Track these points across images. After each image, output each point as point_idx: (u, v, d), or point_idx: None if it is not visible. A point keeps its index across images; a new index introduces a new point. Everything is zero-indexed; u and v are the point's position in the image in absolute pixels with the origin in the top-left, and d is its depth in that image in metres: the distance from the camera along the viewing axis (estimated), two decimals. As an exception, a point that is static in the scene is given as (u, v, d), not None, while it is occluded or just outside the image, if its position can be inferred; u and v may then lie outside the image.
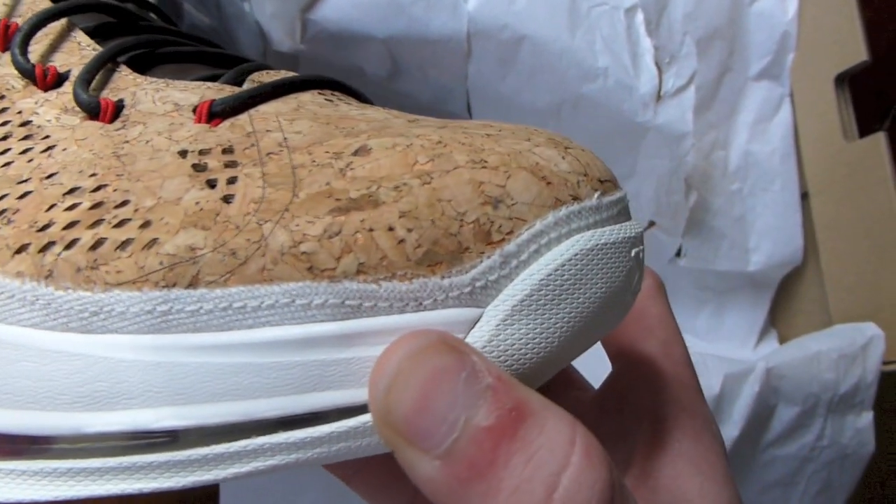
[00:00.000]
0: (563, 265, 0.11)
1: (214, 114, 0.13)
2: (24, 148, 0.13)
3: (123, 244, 0.11)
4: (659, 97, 0.32)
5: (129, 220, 0.11)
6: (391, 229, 0.11)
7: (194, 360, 0.11)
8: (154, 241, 0.11)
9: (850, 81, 0.31)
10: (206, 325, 0.11)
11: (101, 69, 0.14)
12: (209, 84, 0.14)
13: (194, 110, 0.13)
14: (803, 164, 0.33)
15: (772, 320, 0.39)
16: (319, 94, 0.15)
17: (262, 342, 0.11)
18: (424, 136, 0.12)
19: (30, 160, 0.13)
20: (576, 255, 0.11)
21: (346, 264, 0.11)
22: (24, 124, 0.14)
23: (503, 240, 0.11)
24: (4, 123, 0.14)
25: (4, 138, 0.14)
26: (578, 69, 0.31)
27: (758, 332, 0.38)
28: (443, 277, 0.11)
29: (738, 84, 0.32)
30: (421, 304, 0.11)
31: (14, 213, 0.12)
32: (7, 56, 0.15)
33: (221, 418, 0.11)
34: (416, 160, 0.12)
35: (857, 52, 0.29)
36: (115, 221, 0.11)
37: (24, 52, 0.15)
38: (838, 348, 0.35)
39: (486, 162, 0.12)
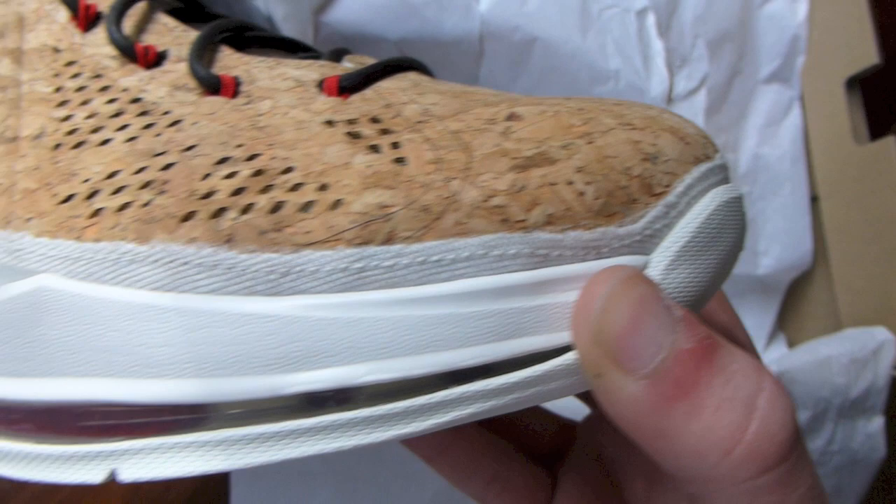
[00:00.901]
0: (711, 215, 0.14)
1: (343, 88, 0.15)
2: (145, 123, 0.14)
3: (305, 206, 0.12)
4: (670, 99, 0.35)
5: (303, 184, 0.13)
6: (570, 183, 0.13)
7: (393, 314, 0.12)
8: (339, 202, 0.12)
9: (862, 84, 0.34)
10: (402, 280, 0.12)
11: (206, 48, 0.16)
12: (320, 62, 0.16)
13: (318, 85, 0.15)
14: (813, 168, 0.37)
15: (781, 324, 0.43)
16: (417, 74, 0.17)
17: (460, 293, 0.12)
18: (561, 104, 0.14)
19: (157, 134, 0.14)
20: (718, 206, 0.14)
21: (536, 216, 0.12)
22: (134, 101, 0.15)
23: (663, 192, 0.13)
24: (112, 101, 0.15)
25: (118, 115, 0.15)
26: (590, 71, 0.34)
27: (767, 336, 0.42)
28: (619, 226, 0.13)
29: (748, 87, 0.36)
30: (599, 252, 0.13)
31: (164, 184, 0.13)
32: (93, 36, 0.16)
33: (425, 369, 0.12)
34: (570, 123, 0.14)
35: (868, 55, 0.32)
36: (287, 186, 0.13)
37: (120, 32, 0.16)
38: (849, 352, 0.39)
39: (632, 124, 0.14)
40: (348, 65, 0.16)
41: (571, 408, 0.23)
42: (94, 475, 0.12)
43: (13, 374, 0.13)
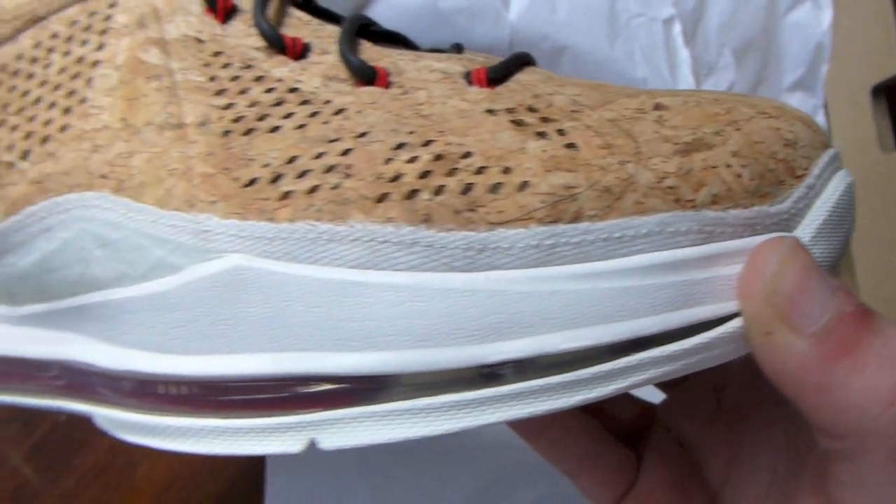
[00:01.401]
0: (840, 196, 0.16)
1: (491, 80, 0.17)
2: (310, 112, 0.16)
3: (494, 188, 0.14)
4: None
5: (487, 167, 0.14)
6: (728, 166, 0.15)
7: (582, 287, 0.14)
8: (526, 184, 0.14)
9: (887, 93, 0.36)
10: (587, 256, 0.14)
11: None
12: (458, 56, 0.18)
13: (465, 77, 0.17)
14: (839, 177, 0.39)
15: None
16: (538, 69, 0.19)
17: (640, 267, 0.14)
18: (697, 96, 0.16)
19: (325, 122, 0.16)
20: (844, 188, 0.16)
21: (703, 196, 0.14)
22: (291, 91, 0.16)
23: (804, 174, 0.15)
24: (269, 90, 0.16)
25: (279, 104, 0.16)
26: (618, 79, 0.36)
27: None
28: (770, 206, 0.15)
29: (772, 95, 0.38)
30: (755, 229, 0.15)
31: (348, 168, 0.15)
32: (233, 28, 0.18)
33: (613, 337, 0.14)
34: (715, 112, 0.16)
35: (893, 63, 0.34)
36: (471, 169, 0.14)
37: (269, 24, 0.17)
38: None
39: (767, 113, 0.16)
40: (478, 58, 0.18)
41: (644, 394, 0.25)
42: (293, 445, 0.14)
43: (206, 351, 0.15)
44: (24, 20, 0.18)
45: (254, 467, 0.32)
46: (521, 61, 0.18)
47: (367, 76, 0.16)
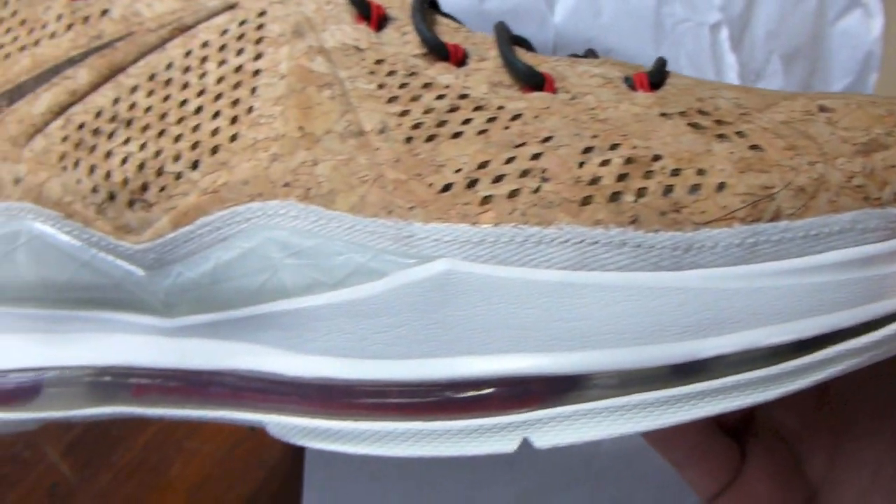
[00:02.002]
0: None
1: (653, 84, 0.17)
2: (486, 117, 0.16)
3: (693, 189, 0.15)
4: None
5: (681, 169, 0.15)
6: (904, 164, 0.16)
7: (784, 283, 0.14)
8: (723, 185, 0.15)
9: None
10: (786, 253, 0.15)
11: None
12: (611, 60, 0.18)
13: (626, 81, 0.17)
14: (886, 184, 0.40)
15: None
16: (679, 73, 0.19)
17: (834, 263, 0.15)
18: (854, 97, 0.17)
19: (505, 127, 0.16)
20: None
21: (887, 194, 0.15)
22: (462, 97, 0.17)
23: None
24: (440, 97, 0.17)
25: (453, 110, 0.16)
26: (665, 84, 0.37)
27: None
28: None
29: None
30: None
31: (543, 172, 0.15)
32: (387, 36, 0.18)
33: (813, 331, 0.14)
34: (878, 113, 0.16)
35: None
36: (666, 172, 0.15)
37: (432, 32, 0.18)
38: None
39: None
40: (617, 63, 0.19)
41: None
42: (507, 444, 0.14)
43: (410, 355, 0.15)
44: (169, 29, 0.18)
45: (283, 470, 0.33)
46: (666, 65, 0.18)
47: (535, 81, 0.17)
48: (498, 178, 0.15)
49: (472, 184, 0.15)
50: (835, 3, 0.39)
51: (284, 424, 0.17)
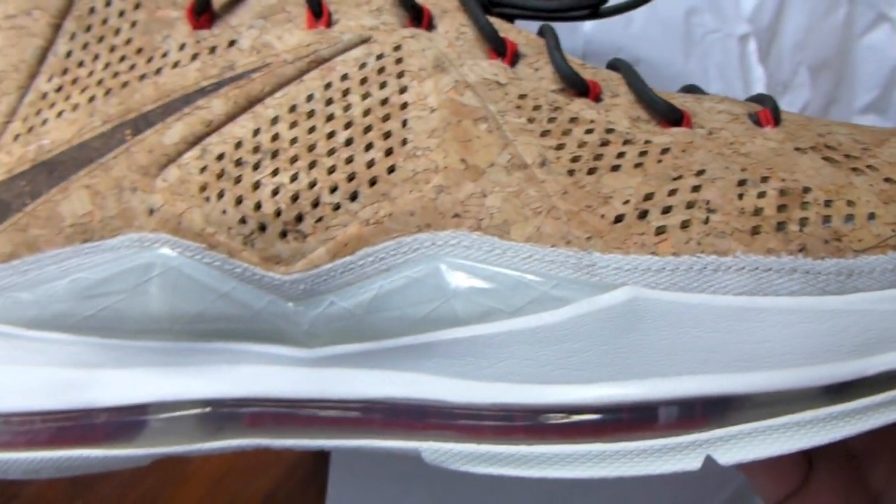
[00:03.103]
0: None
1: (776, 119, 0.19)
2: (638, 151, 0.17)
3: (847, 218, 0.16)
4: (763, 125, 0.41)
5: (832, 200, 0.16)
6: None
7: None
8: (872, 215, 0.16)
9: None
10: (933, 276, 0.16)
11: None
12: (728, 98, 0.20)
13: (750, 117, 0.19)
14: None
15: None
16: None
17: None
18: None
19: (658, 161, 0.17)
20: None
21: None
22: (609, 131, 0.18)
23: None
24: (589, 131, 0.18)
25: (605, 144, 0.18)
26: (692, 97, 0.39)
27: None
28: None
29: (844, 116, 0.42)
30: None
31: (707, 203, 0.16)
32: (522, 71, 0.19)
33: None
34: None
35: None
36: (820, 202, 0.16)
37: (571, 68, 0.19)
38: None
39: None
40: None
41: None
42: (690, 462, 0.15)
43: (592, 380, 0.16)
44: (307, 61, 0.19)
45: (301, 466, 0.34)
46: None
47: (674, 117, 0.18)
48: (666, 210, 0.16)
49: (642, 215, 0.16)
50: (862, 17, 0.40)
51: (444, 451, 0.17)
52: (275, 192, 0.18)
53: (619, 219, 0.16)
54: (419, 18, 0.19)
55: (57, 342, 0.19)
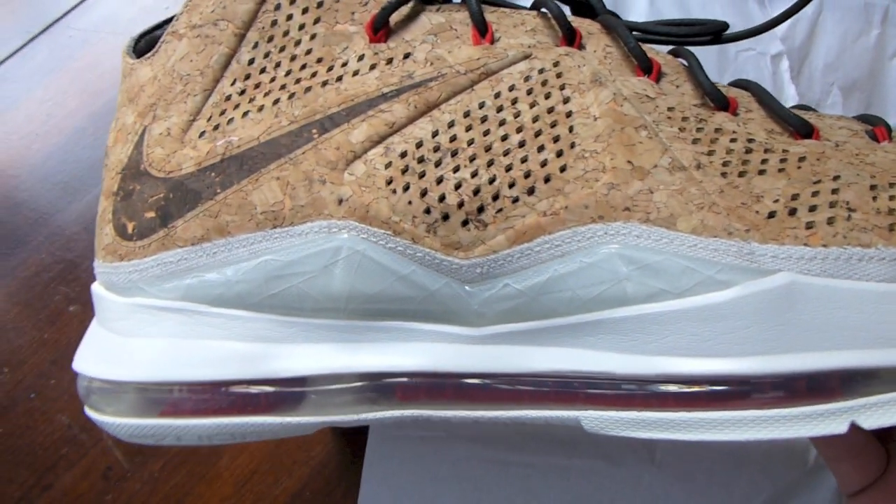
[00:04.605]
0: None
1: (889, 136, 0.22)
2: (779, 158, 0.20)
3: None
4: (813, 150, 0.44)
5: None
6: None
7: None
8: None
9: None
10: None
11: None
12: (844, 117, 0.23)
13: (868, 133, 0.22)
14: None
15: None
16: None
17: None
18: None
19: (798, 167, 0.20)
20: None
21: None
22: (750, 141, 0.21)
23: None
24: (734, 140, 0.20)
25: (749, 151, 0.20)
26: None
27: None
28: None
29: None
30: None
31: (847, 203, 0.19)
32: (665, 87, 0.22)
33: None
34: None
35: None
36: None
37: (713, 85, 0.21)
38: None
39: None
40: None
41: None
42: (837, 426, 0.18)
43: (750, 353, 0.18)
44: (477, 73, 0.21)
45: (327, 466, 0.35)
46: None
47: (807, 130, 0.21)
48: (812, 208, 0.19)
49: (792, 212, 0.19)
50: (894, 39, 0.43)
51: (604, 418, 0.19)
52: (458, 186, 0.20)
53: (771, 215, 0.19)
54: (572, 38, 0.22)
55: (238, 318, 0.22)
